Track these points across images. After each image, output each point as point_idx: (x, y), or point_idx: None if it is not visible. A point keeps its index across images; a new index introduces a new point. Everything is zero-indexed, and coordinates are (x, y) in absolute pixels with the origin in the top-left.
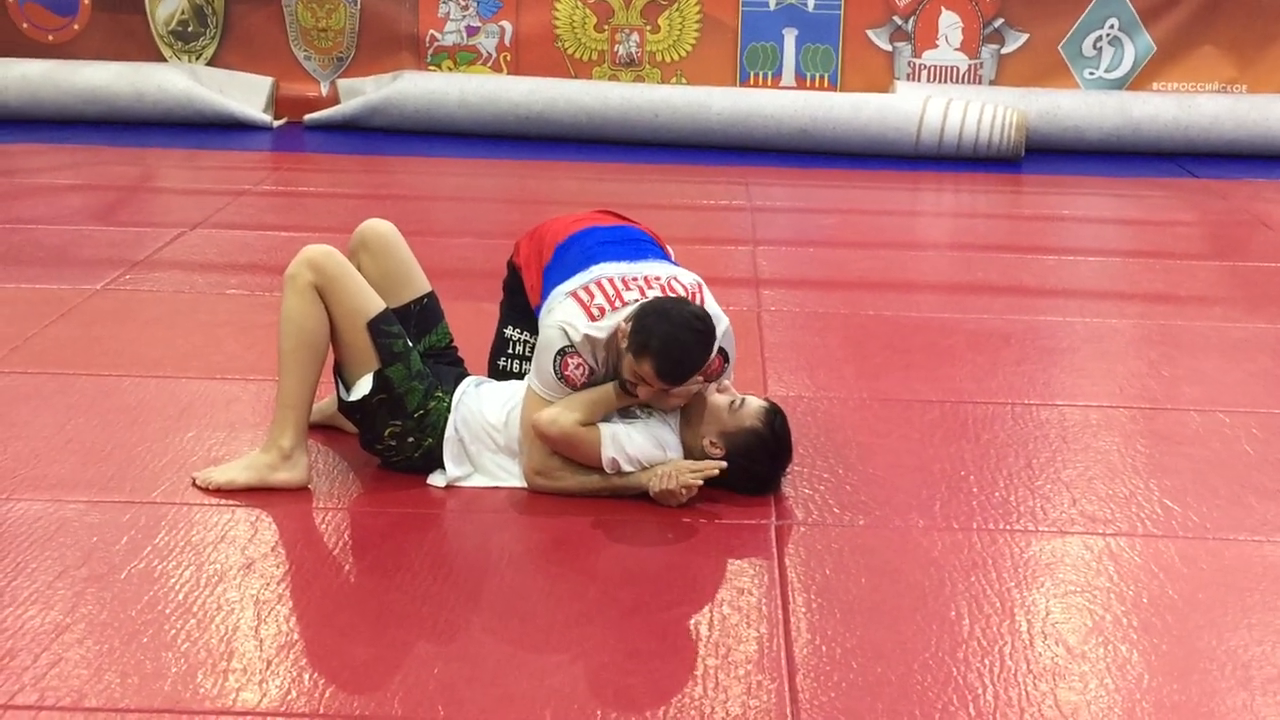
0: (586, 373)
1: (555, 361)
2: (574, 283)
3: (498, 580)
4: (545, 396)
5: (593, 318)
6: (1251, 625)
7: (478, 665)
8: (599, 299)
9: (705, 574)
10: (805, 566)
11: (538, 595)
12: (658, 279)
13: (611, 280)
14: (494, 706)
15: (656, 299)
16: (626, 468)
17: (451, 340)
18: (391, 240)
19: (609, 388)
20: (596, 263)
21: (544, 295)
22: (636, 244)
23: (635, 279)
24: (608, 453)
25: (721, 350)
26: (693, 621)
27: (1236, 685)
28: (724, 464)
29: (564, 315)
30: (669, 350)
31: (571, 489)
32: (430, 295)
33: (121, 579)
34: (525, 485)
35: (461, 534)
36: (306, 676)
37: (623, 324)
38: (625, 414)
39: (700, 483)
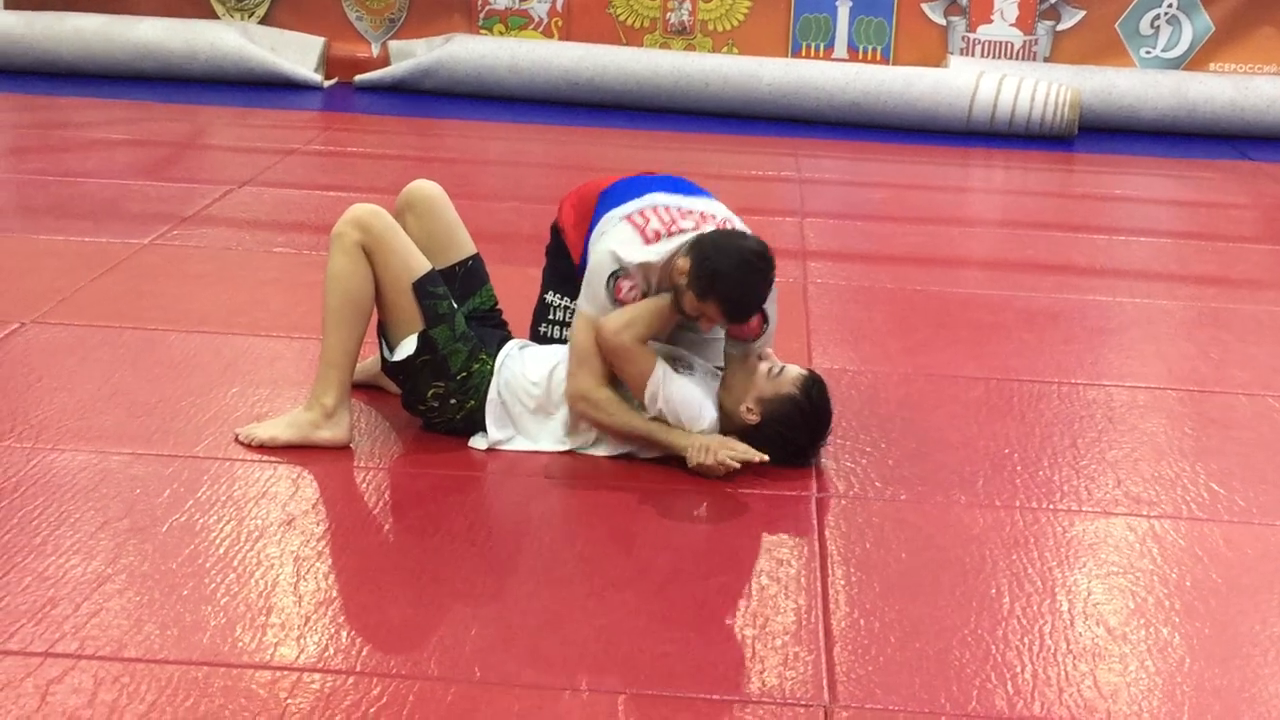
0: (639, 295)
1: (609, 284)
2: (628, 207)
3: (535, 545)
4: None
5: (647, 241)
6: None
7: (514, 628)
8: (654, 224)
9: (744, 544)
10: (845, 540)
11: (575, 561)
12: (713, 216)
13: (667, 208)
14: (529, 670)
15: (716, 232)
16: (655, 408)
17: (496, 303)
18: (438, 201)
19: (666, 299)
20: (650, 193)
21: (589, 237)
22: (689, 185)
23: (691, 212)
24: (651, 386)
25: (762, 311)
26: (731, 592)
27: (1279, 670)
28: (766, 456)
29: (617, 239)
30: (734, 290)
31: (611, 423)
32: (475, 258)
33: (163, 532)
34: (565, 449)
35: (500, 497)
36: (344, 634)
37: (680, 259)
38: (681, 365)
39: (737, 466)
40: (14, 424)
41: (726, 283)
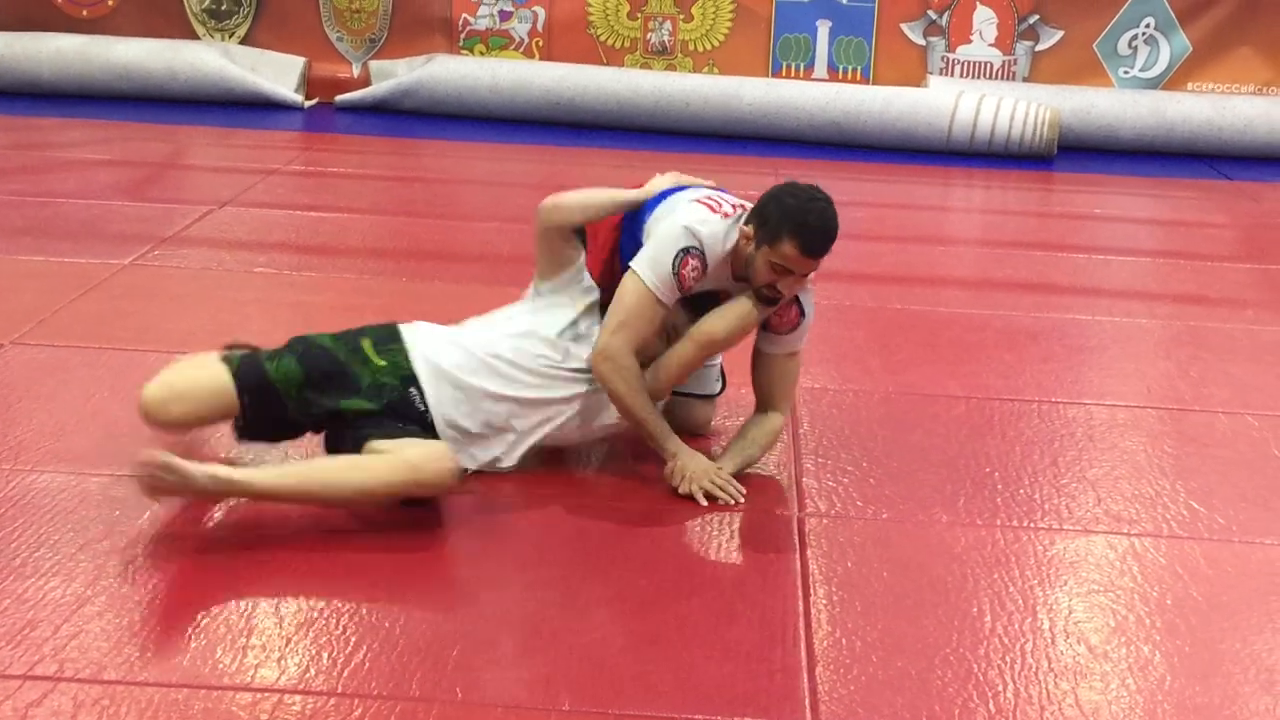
0: (699, 277)
1: (676, 258)
2: (694, 192)
3: (517, 564)
4: (652, 288)
5: (724, 215)
6: (1276, 629)
7: (496, 648)
8: (726, 205)
9: (726, 564)
10: (827, 559)
11: (557, 580)
12: None
13: (728, 198)
14: (512, 690)
15: (776, 189)
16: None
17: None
18: None
19: (748, 302)
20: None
21: (625, 232)
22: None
23: (746, 206)
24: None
25: (802, 306)
26: (713, 611)
27: (1259, 689)
28: (743, 497)
29: (691, 214)
30: (808, 217)
31: (623, 394)
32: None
33: (143, 553)
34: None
35: (481, 517)
36: (325, 655)
37: (743, 228)
38: None
39: (704, 505)
40: None
41: (799, 213)
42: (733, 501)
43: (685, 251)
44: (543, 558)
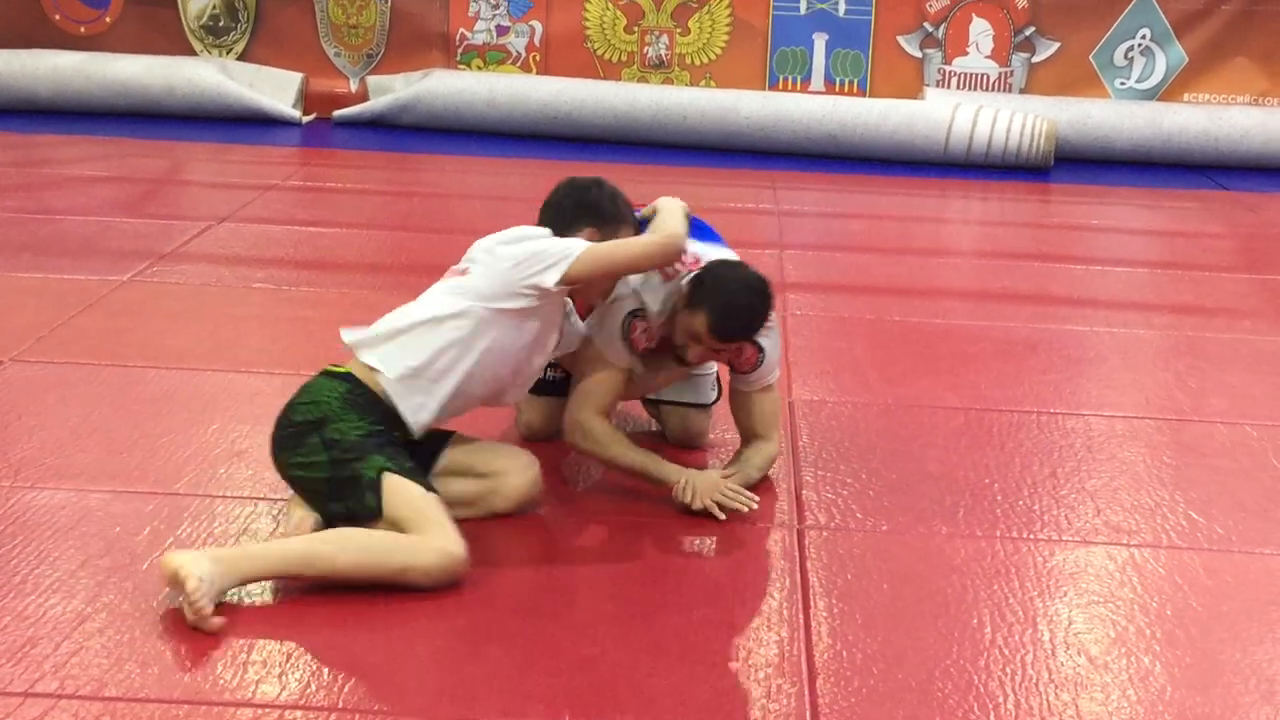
0: (651, 338)
1: (624, 324)
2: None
3: (518, 578)
4: (609, 358)
5: (667, 277)
6: (1276, 639)
7: (497, 664)
8: (676, 265)
9: (727, 576)
10: (827, 571)
11: (557, 595)
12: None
13: (700, 251)
14: (513, 706)
15: (719, 261)
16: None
17: None
18: None
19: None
20: None
21: None
22: (708, 230)
23: (710, 259)
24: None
25: (759, 344)
26: (713, 624)
27: (1260, 699)
28: (755, 504)
29: (641, 278)
30: (722, 298)
31: (605, 456)
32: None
33: (143, 569)
34: None
35: (481, 534)
36: (326, 671)
37: (683, 285)
38: None
39: (722, 516)
40: None
41: (717, 293)
42: (746, 509)
43: (631, 315)
44: (543, 571)
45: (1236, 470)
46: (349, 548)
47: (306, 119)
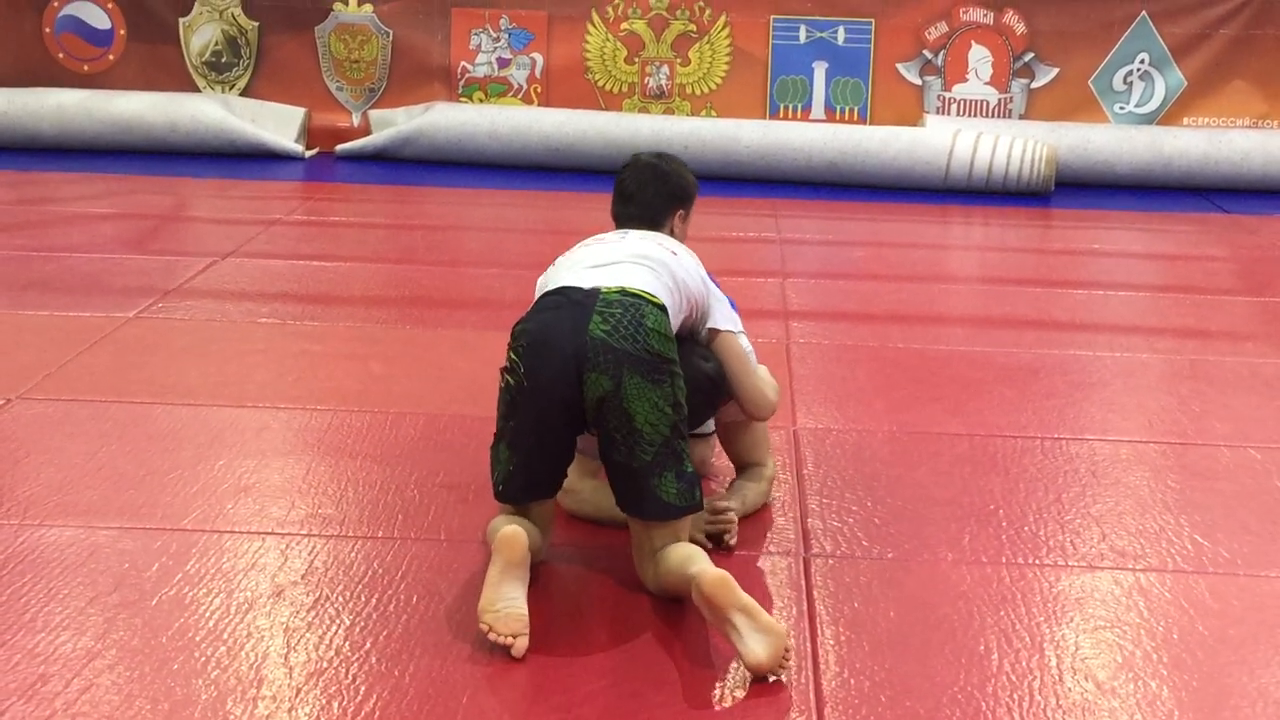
0: None
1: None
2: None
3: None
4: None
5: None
6: None
7: (506, 694)
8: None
9: None
10: (834, 599)
11: (566, 625)
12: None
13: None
14: None
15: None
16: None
17: None
18: None
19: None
20: None
21: None
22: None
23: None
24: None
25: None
26: (721, 652)
27: None
28: (734, 512)
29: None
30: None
31: (590, 514)
32: None
33: (152, 605)
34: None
35: (485, 563)
36: (336, 705)
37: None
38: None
39: (710, 546)
40: (1, 500)
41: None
42: (731, 529)
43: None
44: (549, 602)
45: (1241, 493)
46: None
47: (309, 153)
